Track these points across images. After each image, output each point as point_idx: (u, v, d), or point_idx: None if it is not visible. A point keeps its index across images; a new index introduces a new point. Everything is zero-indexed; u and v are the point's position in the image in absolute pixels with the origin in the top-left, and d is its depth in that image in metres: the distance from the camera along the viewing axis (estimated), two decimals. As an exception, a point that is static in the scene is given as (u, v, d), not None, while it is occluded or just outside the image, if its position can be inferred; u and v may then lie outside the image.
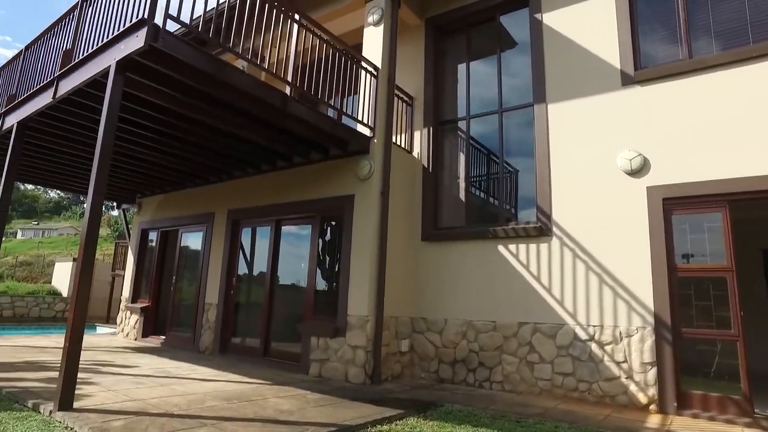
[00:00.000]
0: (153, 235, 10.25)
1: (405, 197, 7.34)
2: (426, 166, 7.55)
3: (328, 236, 7.28)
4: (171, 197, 9.86)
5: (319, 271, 7.15)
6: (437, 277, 7.09)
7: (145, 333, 9.59)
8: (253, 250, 8.30)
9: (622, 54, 6.17)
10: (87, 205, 4.49)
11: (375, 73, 6.94)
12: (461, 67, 7.92)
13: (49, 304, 14.59)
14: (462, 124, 7.64)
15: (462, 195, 7.46)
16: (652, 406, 5.26)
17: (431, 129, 7.66)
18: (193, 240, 9.29)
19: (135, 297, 10.20)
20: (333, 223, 7.20)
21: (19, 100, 6.46)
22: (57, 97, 5.50)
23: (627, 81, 6.07)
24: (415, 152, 7.75)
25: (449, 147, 7.76)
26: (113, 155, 6.54)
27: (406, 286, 7.12)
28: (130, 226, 11.17)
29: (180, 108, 5.60)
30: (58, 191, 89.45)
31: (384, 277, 6.43)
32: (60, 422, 3.73)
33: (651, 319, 5.44)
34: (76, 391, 4.16)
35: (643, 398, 5.33)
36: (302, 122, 5.97)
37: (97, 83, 5.11)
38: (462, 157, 7.56)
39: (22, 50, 7.18)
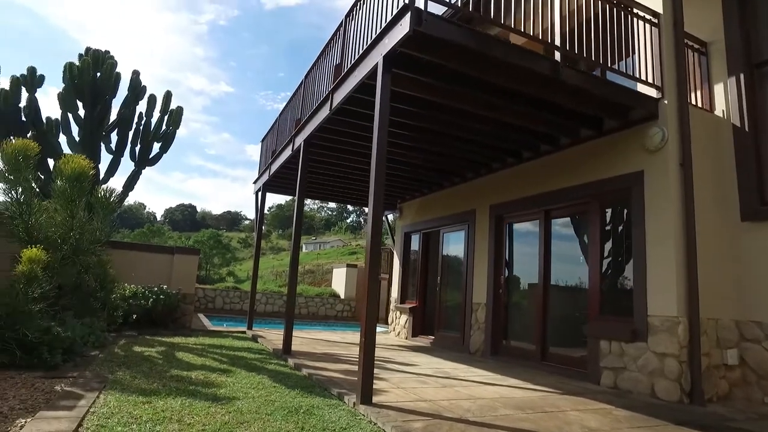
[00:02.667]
0: (415, 238, 10.64)
1: (710, 167, 5.77)
2: (738, 125, 5.82)
3: (610, 223, 6.22)
4: (429, 199, 10.07)
5: (602, 264, 6.14)
6: (773, 268, 5.32)
7: (415, 332, 9.93)
8: (518, 246, 7.74)
9: None
10: (369, 207, 4.55)
11: (655, 20, 5.68)
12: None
13: (332, 305, 16.75)
14: (789, 63, 5.67)
15: (800, 157, 5.49)
16: None
17: (741, 77, 5.89)
18: (455, 239, 9.25)
19: (403, 298, 10.72)
20: (616, 207, 6.12)
21: (303, 121, 7.30)
22: (332, 108, 5.93)
23: None
24: (718, 110, 6.08)
25: (770, 96, 5.85)
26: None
27: (725, 280, 5.53)
28: (393, 230, 11.88)
29: (440, 98, 5.44)
30: (329, 210, 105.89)
31: (696, 269, 5.09)
32: (364, 415, 3.75)
33: None
34: (372, 386, 4.18)
35: None
36: (574, 92, 5.17)
37: (364, 87, 5.28)
38: (795, 106, 5.59)
39: (302, 81, 8.15)
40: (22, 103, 8.70)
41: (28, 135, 8.62)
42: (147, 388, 4.11)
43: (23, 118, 8.63)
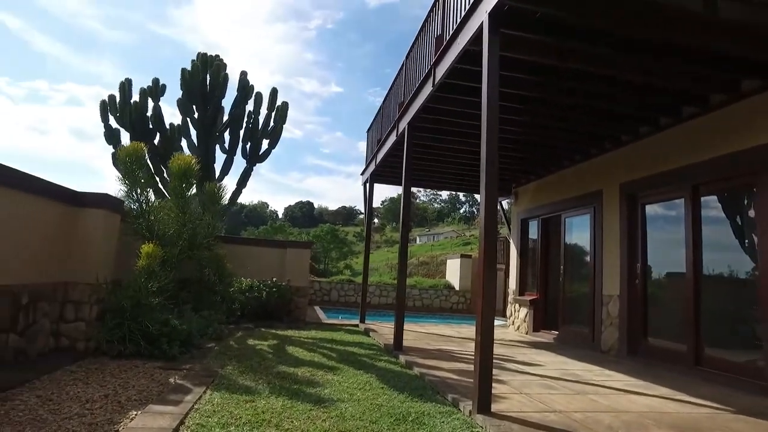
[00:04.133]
0: (533, 225, 9.77)
1: None
2: None
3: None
4: (547, 181, 9.13)
5: (776, 248, 4.93)
6: None
7: (536, 327, 9.10)
8: (656, 229, 6.62)
9: None
10: (482, 187, 4.01)
11: None
12: None
13: (446, 296, 16.28)
14: None
15: None
16: None
17: None
18: (578, 224, 8.25)
19: (522, 289, 9.91)
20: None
21: (406, 103, 6.89)
22: (435, 84, 5.43)
23: None
24: None
25: None
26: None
27: None
28: (508, 217, 11.05)
29: (557, 60, 4.72)
30: (441, 201, 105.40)
31: None
32: (482, 427, 3.24)
33: None
34: (490, 391, 3.64)
35: None
36: (735, 31, 4.12)
37: (468, 55, 4.72)
38: None
39: (403, 62, 7.74)
40: (149, 113, 9.42)
41: (156, 141, 9.30)
42: (252, 385, 3.99)
43: (150, 126, 9.33)
